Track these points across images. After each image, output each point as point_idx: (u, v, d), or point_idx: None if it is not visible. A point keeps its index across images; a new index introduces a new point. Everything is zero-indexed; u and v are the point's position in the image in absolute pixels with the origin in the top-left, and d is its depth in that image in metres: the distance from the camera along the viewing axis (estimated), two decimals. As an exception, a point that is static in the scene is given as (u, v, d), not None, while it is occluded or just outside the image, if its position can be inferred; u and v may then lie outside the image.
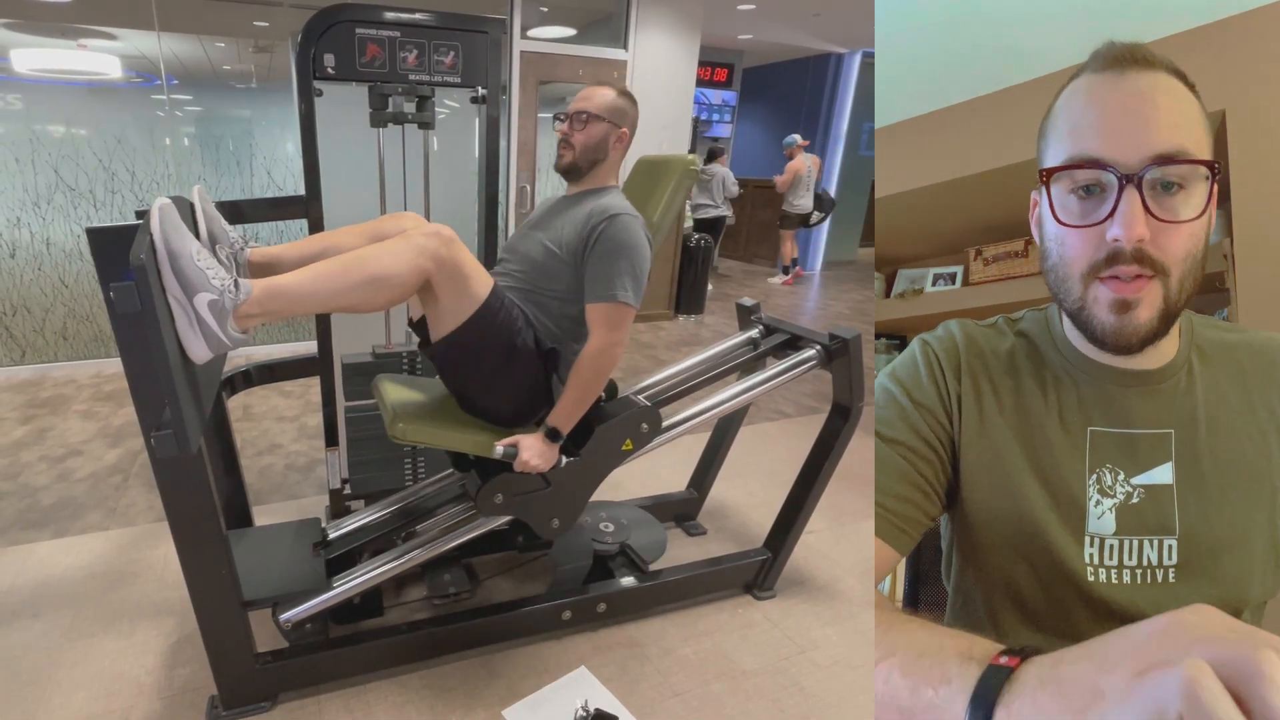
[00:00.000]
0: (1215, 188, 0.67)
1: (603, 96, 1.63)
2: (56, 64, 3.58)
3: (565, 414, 1.55)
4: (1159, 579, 0.77)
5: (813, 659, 1.86)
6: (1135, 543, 0.77)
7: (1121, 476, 0.78)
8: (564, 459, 1.60)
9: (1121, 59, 0.68)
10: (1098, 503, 0.79)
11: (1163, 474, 0.78)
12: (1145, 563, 0.77)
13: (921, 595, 1.45)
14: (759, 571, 2.09)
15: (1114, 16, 1.75)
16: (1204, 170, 0.66)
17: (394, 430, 1.48)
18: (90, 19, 3.56)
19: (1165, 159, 0.65)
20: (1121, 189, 0.66)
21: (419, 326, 1.61)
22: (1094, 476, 0.79)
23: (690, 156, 1.81)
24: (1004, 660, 0.48)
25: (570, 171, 1.67)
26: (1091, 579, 0.78)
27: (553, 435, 1.54)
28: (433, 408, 1.61)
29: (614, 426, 1.65)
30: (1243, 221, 1.73)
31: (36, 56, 3.52)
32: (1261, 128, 1.71)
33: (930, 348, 0.87)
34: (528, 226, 1.73)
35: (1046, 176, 0.71)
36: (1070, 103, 0.71)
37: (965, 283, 2.47)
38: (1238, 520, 0.77)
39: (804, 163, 7.09)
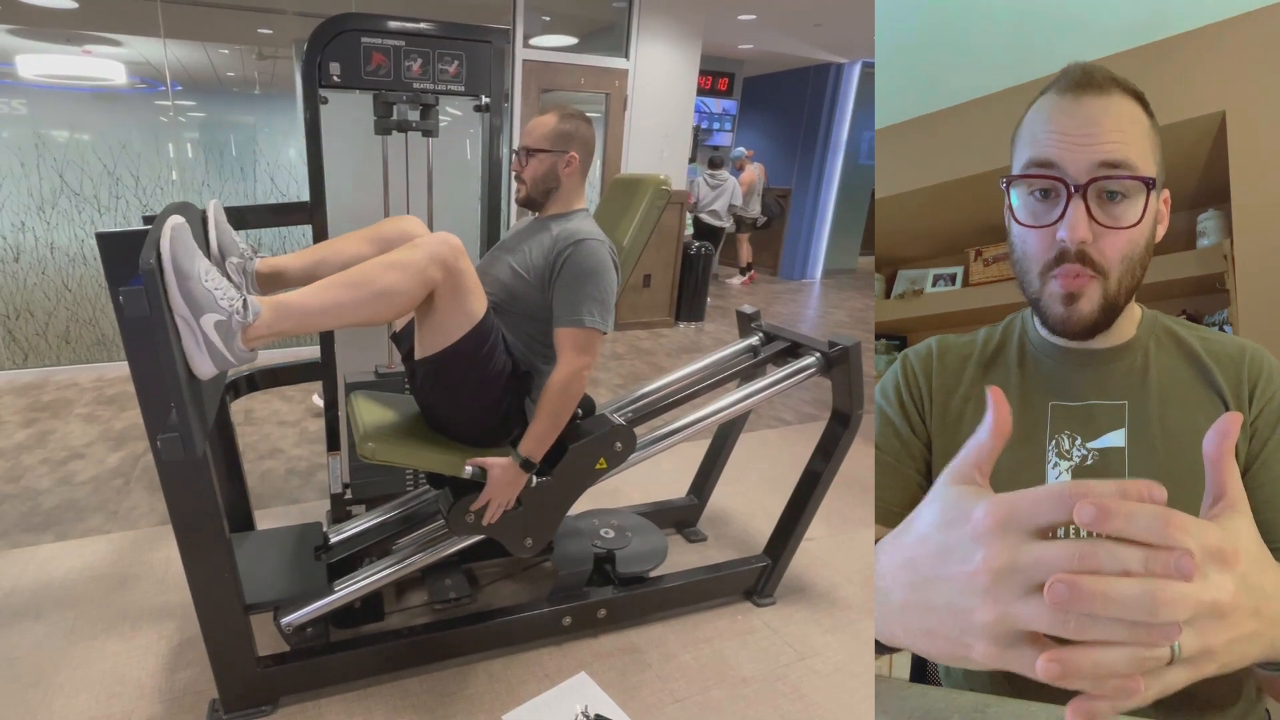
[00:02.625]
0: (1152, 199, 0.75)
1: (542, 128, 1.63)
2: (61, 70, 3.60)
3: (536, 441, 1.55)
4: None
5: (812, 666, 1.86)
6: None
7: (1079, 441, 0.86)
8: (534, 479, 1.60)
9: (1079, 84, 0.77)
10: (1055, 464, 0.85)
11: (1116, 439, 0.85)
12: None
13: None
14: (759, 578, 2.09)
15: (1111, 19, 1.76)
16: (1143, 183, 0.75)
17: (363, 450, 1.47)
18: (95, 25, 3.58)
19: (1109, 165, 0.74)
20: (1069, 197, 0.75)
21: (401, 338, 1.60)
22: (1053, 442, 0.86)
23: (661, 176, 1.79)
24: None
25: (528, 204, 1.70)
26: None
27: (526, 465, 1.54)
28: (404, 427, 1.59)
29: (587, 445, 1.65)
30: (1243, 221, 1.73)
31: (42, 62, 3.54)
32: (1261, 128, 1.71)
33: (908, 359, 0.98)
34: (498, 249, 1.73)
35: (1008, 182, 0.81)
36: (1035, 118, 0.80)
37: (965, 283, 2.47)
38: (1186, 481, 0.84)
39: (754, 173, 7.34)
